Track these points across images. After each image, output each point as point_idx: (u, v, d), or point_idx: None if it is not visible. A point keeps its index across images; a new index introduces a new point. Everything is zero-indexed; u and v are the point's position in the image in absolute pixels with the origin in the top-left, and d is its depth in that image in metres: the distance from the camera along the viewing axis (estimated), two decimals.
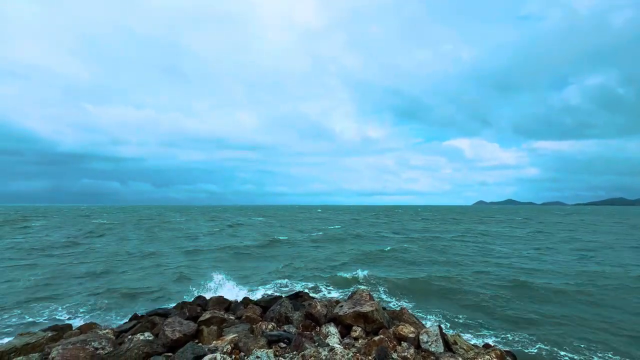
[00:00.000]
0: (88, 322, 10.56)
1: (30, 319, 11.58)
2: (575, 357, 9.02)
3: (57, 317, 11.80)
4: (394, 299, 14.17)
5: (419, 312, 12.47)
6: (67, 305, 13.13)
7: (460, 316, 12.17)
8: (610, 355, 9.10)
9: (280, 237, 36.32)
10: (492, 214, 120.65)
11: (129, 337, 8.08)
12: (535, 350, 9.41)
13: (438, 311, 12.70)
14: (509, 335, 10.41)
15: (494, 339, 10.24)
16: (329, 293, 14.87)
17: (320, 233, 42.47)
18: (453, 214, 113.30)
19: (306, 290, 13.84)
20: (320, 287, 15.98)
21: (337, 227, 53.16)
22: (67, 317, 11.88)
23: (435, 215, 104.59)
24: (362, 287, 14.22)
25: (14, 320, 11.49)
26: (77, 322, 11.01)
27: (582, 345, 9.66)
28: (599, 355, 9.13)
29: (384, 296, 14.51)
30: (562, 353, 9.26)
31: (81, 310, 12.60)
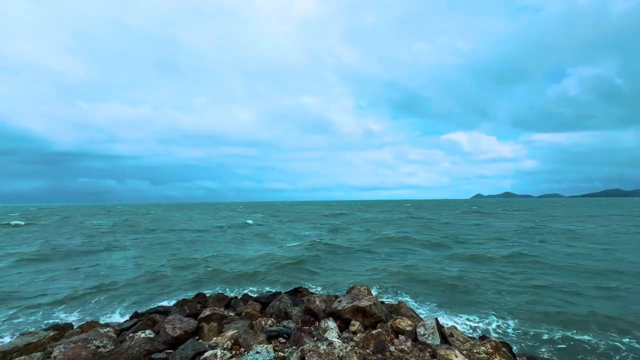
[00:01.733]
0: (89, 320, 10.64)
1: (32, 319, 11.65)
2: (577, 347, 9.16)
3: (58, 317, 11.88)
4: None
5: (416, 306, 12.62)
6: (68, 304, 13.21)
7: (459, 310, 12.32)
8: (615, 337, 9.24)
9: (327, 241, 29.28)
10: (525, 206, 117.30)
11: (130, 335, 8.18)
12: (532, 343, 9.57)
13: (436, 305, 12.84)
14: (507, 329, 10.56)
15: (491, 332, 10.40)
16: None
17: (368, 238, 32.23)
18: (474, 207, 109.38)
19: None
20: None
21: (387, 231, 38.16)
22: (68, 316, 11.96)
23: (453, 210, 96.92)
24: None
25: (15, 320, 11.56)
26: (78, 321, 11.10)
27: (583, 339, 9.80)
28: (606, 340, 9.28)
29: None
30: (562, 344, 9.40)
31: (82, 309, 12.68)
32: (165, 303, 13.18)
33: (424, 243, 28.07)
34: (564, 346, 9.16)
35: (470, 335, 9.21)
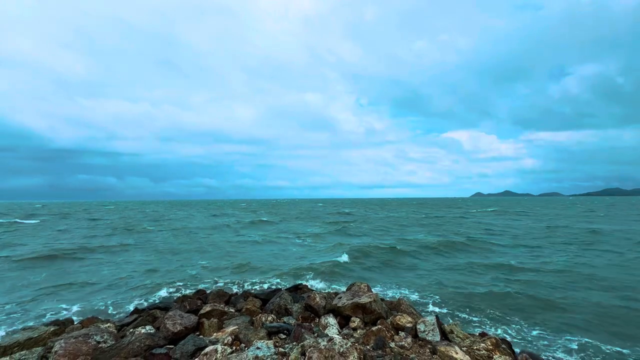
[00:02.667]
0: (90, 316, 10.68)
1: (33, 314, 11.68)
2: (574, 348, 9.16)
3: (59, 312, 11.91)
4: None
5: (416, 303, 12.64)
6: (68, 300, 13.24)
7: (459, 307, 12.33)
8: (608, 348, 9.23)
9: (346, 243, 26.40)
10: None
11: (131, 330, 8.20)
12: (530, 340, 9.59)
13: (438, 302, 12.82)
14: (505, 326, 10.58)
15: (490, 329, 10.41)
16: None
17: (388, 240, 29.03)
18: (484, 207, 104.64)
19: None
20: None
21: (409, 233, 34.50)
22: (69, 311, 11.99)
23: (465, 209, 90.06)
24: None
25: (16, 315, 11.59)
26: (79, 317, 11.13)
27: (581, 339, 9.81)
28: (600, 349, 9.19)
29: None
30: (559, 342, 9.42)
31: (82, 304, 12.70)
32: (165, 298, 13.23)
33: (448, 247, 25.04)
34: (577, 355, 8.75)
35: (470, 332, 9.24)
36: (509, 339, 9.23)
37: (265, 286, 15.05)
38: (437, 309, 11.96)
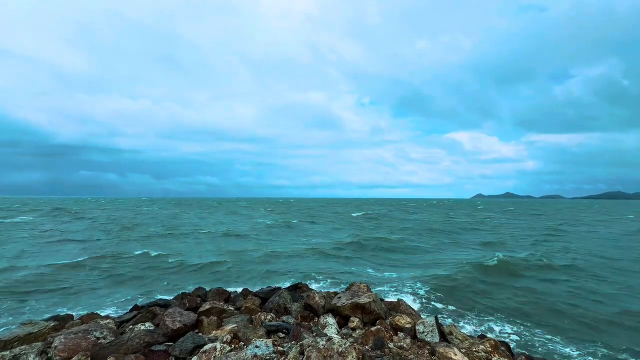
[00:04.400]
0: (90, 312, 10.70)
1: (33, 309, 11.72)
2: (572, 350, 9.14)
3: (59, 308, 11.95)
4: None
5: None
6: (69, 296, 13.28)
7: (458, 308, 12.32)
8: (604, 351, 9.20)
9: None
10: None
11: (130, 327, 8.21)
12: (530, 342, 9.57)
13: (437, 303, 12.81)
14: (505, 328, 10.56)
15: (491, 330, 10.39)
16: None
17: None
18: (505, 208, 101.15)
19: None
20: None
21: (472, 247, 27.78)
22: (69, 307, 12.03)
23: (495, 210, 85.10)
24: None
25: (16, 310, 11.64)
26: (78, 313, 11.16)
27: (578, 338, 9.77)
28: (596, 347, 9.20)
29: None
30: (560, 346, 9.40)
31: (83, 300, 12.75)
32: (165, 297, 13.26)
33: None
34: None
35: (470, 334, 9.21)
36: (513, 343, 9.23)
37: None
38: (435, 311, 11.96)
